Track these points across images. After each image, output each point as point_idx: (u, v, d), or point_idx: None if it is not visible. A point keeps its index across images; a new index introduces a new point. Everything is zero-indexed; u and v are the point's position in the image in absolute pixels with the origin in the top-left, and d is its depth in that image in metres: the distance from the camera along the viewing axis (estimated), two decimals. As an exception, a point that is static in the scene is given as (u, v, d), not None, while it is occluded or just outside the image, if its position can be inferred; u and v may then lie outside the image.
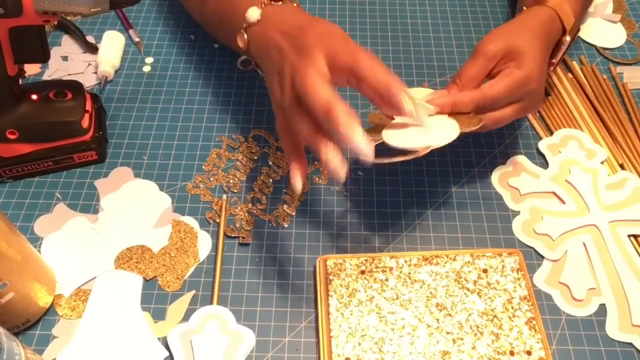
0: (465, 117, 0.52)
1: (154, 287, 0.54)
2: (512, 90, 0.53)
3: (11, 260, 0.46)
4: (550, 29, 0.57)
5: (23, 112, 0.56)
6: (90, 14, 0.50)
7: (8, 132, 0.56)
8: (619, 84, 0.69)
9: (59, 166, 0.60)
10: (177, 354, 0.49)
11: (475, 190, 0.61)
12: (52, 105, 0.58)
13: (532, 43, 0.54)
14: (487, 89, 0.52)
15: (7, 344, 0.39)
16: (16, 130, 0.56)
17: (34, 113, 0.57)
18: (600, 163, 0.62)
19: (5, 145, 0.57)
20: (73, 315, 0.52)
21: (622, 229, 0.57)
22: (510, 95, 0.53)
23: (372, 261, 0.54)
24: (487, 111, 0.53)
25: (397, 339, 0.50)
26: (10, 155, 0.58)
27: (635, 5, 0.79)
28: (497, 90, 0.52)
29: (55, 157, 0.59)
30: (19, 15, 0.48)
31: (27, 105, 0.56)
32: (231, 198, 0.60)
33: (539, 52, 0.54)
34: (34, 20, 0.49)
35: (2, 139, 0.56)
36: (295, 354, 0.50)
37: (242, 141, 0.64)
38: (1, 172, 0.59)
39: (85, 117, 0.59)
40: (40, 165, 0.59)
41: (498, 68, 0.54)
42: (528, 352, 0.49)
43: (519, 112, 0.55)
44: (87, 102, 0.60)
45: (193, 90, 0.69)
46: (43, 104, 0.57)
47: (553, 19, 0.58)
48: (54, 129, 0.58)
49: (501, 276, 0.53)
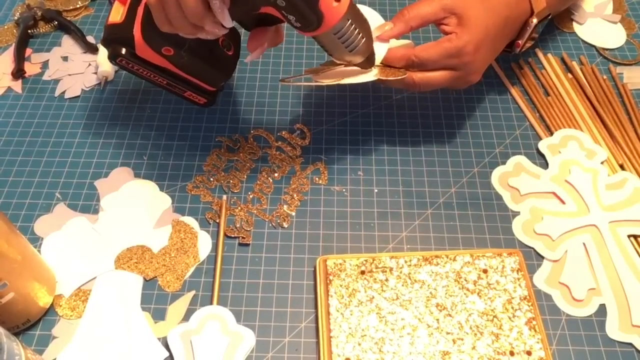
0: (393, 68, 0.57)
1: (154, 287, 0.54)
2: (444, 58, 0.55)
3: (11, 260, 0.46)
4: (513, 8, 0.58)
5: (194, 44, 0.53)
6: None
7: (165, 48, 0.54)
8: (619, 84, 0.69)
9: (169, 88, 0.59)
10: (177, 354, 0.49)
11: (475, 191, 0.61)
12: (217, 51, 0.56)
13: (483, 16, 0.55)
14: (419, 51, 0.55)
15: (7, 344, 0.39)
16: (173, 50, 0.54)
17: (201, 50, 0.55)
18: (600, 163, 0.62)
19: (153, 53, 0.54)
20: (73, 315, 0.52)
21: (622, 229, 0.57)
22: (441, 62, 0.55)
23: (372, 261, 0.54)
24: (416, 70, 0.56)
25: (397, 339, 0.50)
26: (146, 58, 0.55)
27: (635, 6, 0.79)
28: (429, 54, 0.55)
29: (175, 82, 0.58)
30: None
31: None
32: (231, 198, 0.60)
33: (483, 27, 0.55)
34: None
35: (157, 49, 0.54)
36: (295, 354, 0.50)
37: (242, 141, 0.64)
38: (124, 60, 0.55)
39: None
40: (157, 77, 0.57)
41: (444, 22, 0.56)
42: (528, 353, 0.49)
43: (450, 80, 0.57)
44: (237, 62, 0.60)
45: (193, 91, 0.69)
46: (213, 46, 0.56)
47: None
48: (202, 70, 0.57)
49: (501, 276, 0.53)
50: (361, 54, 0.52)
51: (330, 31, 0.48)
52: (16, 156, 0.63)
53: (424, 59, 0.55)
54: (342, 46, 0.50)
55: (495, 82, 0.70)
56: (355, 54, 0.52)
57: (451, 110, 0.67)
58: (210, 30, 0.48)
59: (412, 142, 0.64)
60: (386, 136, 0.65)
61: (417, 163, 0.63)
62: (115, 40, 0.55)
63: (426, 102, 0.68)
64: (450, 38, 0.55)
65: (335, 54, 0.52)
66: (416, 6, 0.56)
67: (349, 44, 0.50)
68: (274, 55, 0.73)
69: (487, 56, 0.58)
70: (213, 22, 0.47)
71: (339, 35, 0.49)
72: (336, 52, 0.51)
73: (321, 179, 0.61)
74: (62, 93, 0.69)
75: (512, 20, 0.58)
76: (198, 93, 0.60)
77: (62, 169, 0.62)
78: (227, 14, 0.46)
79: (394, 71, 0.56)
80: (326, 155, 0.63)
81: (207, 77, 0.59)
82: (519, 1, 0.58)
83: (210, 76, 0.58)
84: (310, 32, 0.49)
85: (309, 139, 0.64)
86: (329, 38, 0.49)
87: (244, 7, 0.47)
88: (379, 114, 0.67)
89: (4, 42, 0.75)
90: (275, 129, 0.65)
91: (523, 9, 0.59)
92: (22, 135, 0.65)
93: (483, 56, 0.57)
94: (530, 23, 0.59)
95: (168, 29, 0.48)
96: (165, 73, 0.57)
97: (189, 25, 0.47)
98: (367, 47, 0.52)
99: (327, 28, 0.48)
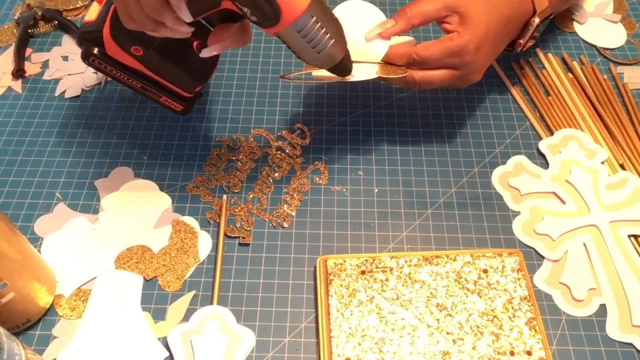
0: (394, 65, 0.57)
1: (154, 287, 0.54)
2: (445, 56, 0.55)
3: (11, 260, 0.46)
4: (515, 7, 0.58)
5: (168, 43, 0.52)
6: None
7: (134, 48, 0.53)
8: (619, 84, 0.69)
9: (144, 92, 0.58)
10: (177, 354, 0.49)
11: (476, 190, 0.61)
12: (191, 55, 0.55)
13: (485, 14, 0.55)
14: (421, 49, 0.55)
15: (8, 344, 0.39)
16: (142, 50, 0.53)
17: (173, 52, 0.54)
18: (601, 163, 0.62)
19: (123, 53, 0.54)
20: (73, 315, 0.52)
21: (623, 229, 0.57)
22: (443, 60, 0.55)
23: (373, 261, 0.54)
24: (417, 68, 0.56)
25: (397, 339, 0.50)
26: (117, 58, 0.55)
27: (635, 5, 0.79)
28: (430, 53, 0.55)
29: (149, 86, 0.57)
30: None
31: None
32: (231, 198, 0.60)
33: (485, 26, 0.55)
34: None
35: (126, 48, 0.53)
36: (296, 354, 0.50)
37: (242, 141, 0.64)
38: (96, 60, 0.55)
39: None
40: (130, 80, 0.56)
41: (446, 21, 0.56)
42: (528, 353, 0.49)
43: (450, 79, 0.56)
44: (215, 69, 0.59)
45: (193, 90, 0.69)
46: (186, 49, 0.54)
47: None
48: (174, 73, 0.56)
49: (501, 276, 0.53)
50: (330, 56, 0.50)
51: (291, 28, 0.46)
52: (16, 156, 0.63)
53: (425, 57, 0.55)
54: (308, 46, 0.48)
55: (495, 82, 0.70)
56: (325, 57, 0.49)
57: (451, 110, 0.67)
58: (172, 27, 0.46)
59: (412, 141, 0.64)
60: (386, 136, 0.65)
61: (418, 163, 0.63)
62: (88, 40, 0.54)
63: (426, 101, 0.68)
64: (452, 37, 0.54)
65: (302, 56, 0.49)
66: (418, 4, 0.56)
67: (315, 44, 0.47)
68: (274, 55, 0.73)
69: (488, 55, 0.58)
70: (173, 17, 0.46)
71: (303, 34, 0.46)
72: (303, 53, 0.49)
73: (321, 179, 0.61)
74: (62, 93, 0.69)
75: (514, 19, 0.58)
76: (174, 99, 0.59)
77: (62, 169, 0.62)
78: (184, 8, 0.45)
79: (395, 69, 0.56)
80: (326, 155, 0.63)
81: (180, 81, 0.57)
82: (521, 0, 0.58)
83: (183, 80, 0.57)
84: (270, 28, 0.46)
85: (309, 138, 0.64)
86: (292, 36, 0.47)
87: (203, 2, 0.46)
88: (379, 114, 0.67)
89: (4, 41, 0.75)
90: (275, 129, 0.65)
91: (525, 8, 0.58)
92: (22, 135, 0.65)
93: (484, 55, 0.56)
94: (532, 22, 0.59)
95: (132, 25, 0.48)
96: (139, 75, 0.56)
97: (149, 20, 0.46)
98: (337, 49, 0.49)
99: (287, 24, 0.45)
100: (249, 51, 0.73)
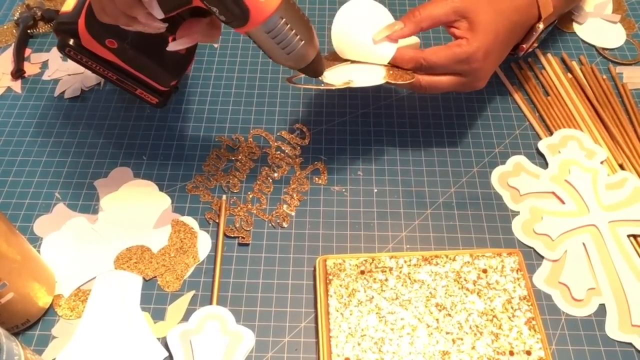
0: (401, 69, 0.56)
1: (154, 287, 0.54)
2: (453, 63, 0.55)
3: (11, 261, 0.46)
4: (522, 13, 0.57)
5: (142, 38, 0.52)
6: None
7: (108, 40, 0.53)
8: (618, 84, 0.69)
9: (120, 84, 0.58)
10: (176, 354, 0.49)
11: (475, 190, 0.61)
12: (166, 49, 0.54)
13: (493, 21, 0.55)
14: (429, 54, 0.55)
15: (7, 344, 0.39)
16: (116, 43, 0.53)
17: (147, 45, 0.54)
18: (600, 163, 0.62)
19: (97, 45, 0.54)
20: (73, 315, 0.52)
21: (622, 229, 0.57)
22: (450, 67, 0.55)
23: (372, 261, 0.54)
24: (424, 73, 0.56)
25: (396, 339, 0.50)
26: (92, 50, 0.55)
27: (635, 6, 0.79)
28: (438, 58, 0.55)
29: (124, 78, 0.57)
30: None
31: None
32: (231, 198, 0.60)
33: (494, 33, 0.55)
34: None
35: (101, 40, 0.53)
36: (295, 354, 0.50)
37: (242, 141, 0.64)
38: (72, 51, 0.55)
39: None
40: (106, 72, 0.57)
41: (454, 25, 0.56)
42: (528, 352, 0.49)
43: (456, 85, 0.57)
44: (192, 64, 0.58)
45: (193, 90, 0.69)
46: (161, 43, 0.54)
47: (531, 4, 0.58)
48: (148, 67, 0.56)
49: (501, 276, 0.53)
50: (301, 57, 0.50)
51: (260, 29, 0.46)
52: (15, 156, 0.63)
53: (433, 62, 0.55)
54: (278, 47, 0.48)
55: (495, 82, 0.70)
56: (295, 58, 0.50)
57: (451, 110, 0.67)
58: (145, 22, 0.46)
59: (412, 142, 0.64)
60: (386, 136, 0.65)
61: (417, 163, 0.63)
62: (64, 31, 0.54)
63: (426, 102, 0.68)
64: (460, 43, 0.54)
65: (272, 56, 0.50)
66: (428, 7, 0.55)
67: (285, 45, 0.48)
68: (274, 55, 0.73)
69: (495, 63, 0.58)
70: (145, 13, 0.46)
71: (272, 35, 0.47)
72: (272, 53, 0.49)
73: (321, 179, 0.61)
74: (61, 93, 0.69)
75: (520, 26, 0.58)
76: (149, 92, 0.59)
77: (61, 169, 0.62)
78: (156, 5, 0.45)
79: (402, 74, 0.56)
80: (326, 155, 0.63)
81: (154, 75, 0.57)
82: (528, 6, 0.58)
83: (157, 74, 0.57)
84: (239, 28, 0.47)
85: (309, 138, 0.64)
86: (262, 36, 0.47)
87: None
88: (379, 114, 0.67)
89: (4, 42, 0.75)
90: (275, 129, 0.65)
91: (532, 14, 0.58)
92: (21, 135, 0.65)
93: (491, 63, 0.56)
94: (536, 28, 0.59)
95: (106, 19, 0.48)
96: (114, 68, 0.56)
97: (122, 15, 0.46)
98: (307, 51, 0.50)
99: (256, 25, 0.46)
100: (249, 51, 0.73)
